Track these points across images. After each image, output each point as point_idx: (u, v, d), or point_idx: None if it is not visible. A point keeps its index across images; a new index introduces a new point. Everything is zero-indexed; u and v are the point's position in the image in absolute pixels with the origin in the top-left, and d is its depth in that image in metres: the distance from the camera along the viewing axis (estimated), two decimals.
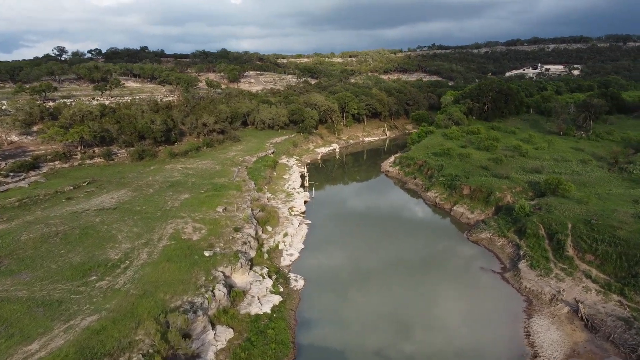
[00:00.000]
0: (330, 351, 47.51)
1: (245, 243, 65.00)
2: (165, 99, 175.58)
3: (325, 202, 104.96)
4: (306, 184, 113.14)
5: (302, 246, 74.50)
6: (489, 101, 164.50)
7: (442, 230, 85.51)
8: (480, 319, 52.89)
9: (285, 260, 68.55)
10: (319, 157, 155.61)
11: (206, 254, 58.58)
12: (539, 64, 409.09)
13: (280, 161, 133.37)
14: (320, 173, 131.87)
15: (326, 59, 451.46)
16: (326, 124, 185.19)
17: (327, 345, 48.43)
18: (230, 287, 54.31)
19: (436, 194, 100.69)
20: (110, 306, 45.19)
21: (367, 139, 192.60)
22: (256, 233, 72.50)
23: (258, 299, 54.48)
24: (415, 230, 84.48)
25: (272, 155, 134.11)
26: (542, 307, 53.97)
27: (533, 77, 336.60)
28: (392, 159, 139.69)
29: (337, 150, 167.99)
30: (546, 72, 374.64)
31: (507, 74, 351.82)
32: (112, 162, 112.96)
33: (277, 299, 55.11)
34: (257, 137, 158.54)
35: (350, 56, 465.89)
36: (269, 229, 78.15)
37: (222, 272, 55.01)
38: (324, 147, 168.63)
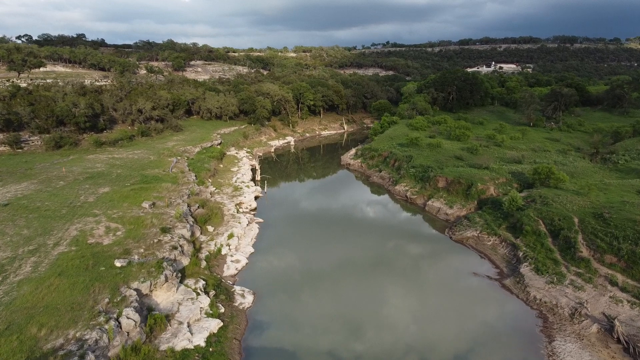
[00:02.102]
0: None
1: (175, 248, 49.35)
2: (97, 84, 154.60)
3: (281, 199, 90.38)
4: (258, 177, 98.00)
5: (252, 250, 59.47)
6: (454, 91, 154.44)
7: (418, 228, 72.70)
8: (487, 342, 39.92)
9: (229, 269, 53.41)
10: (273, 150, 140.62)
11: (117, 264, 42.57)
12: (493, 62, 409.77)
13: (228, 153, 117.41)
14: (274, 168, 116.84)
15: (279, 53, 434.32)
16: (280, 116, 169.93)
17: None
18: (148, 310, 38.75)
19: (406, 188, 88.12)
20: None
21: (324, 133, 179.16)
22: (192, 234, 56.92)
23: (188, 325, 39.14)
24: (387, 230, 70.93)
25: (219, 146, 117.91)
26: (564, 325, 41.59)
27: (488, 75, 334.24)
28: (353, 151, 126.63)
29: (292, 143, 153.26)
30: (500, 70, 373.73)
31: None
32: (20, 150, 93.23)
33: (215, 325, 39.99)
34: (203, 128, 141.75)
35: (304, 51, 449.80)
36: (210, 229, 62.74)
37: (135, 289, 39.23)
38: (278, 140, 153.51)
